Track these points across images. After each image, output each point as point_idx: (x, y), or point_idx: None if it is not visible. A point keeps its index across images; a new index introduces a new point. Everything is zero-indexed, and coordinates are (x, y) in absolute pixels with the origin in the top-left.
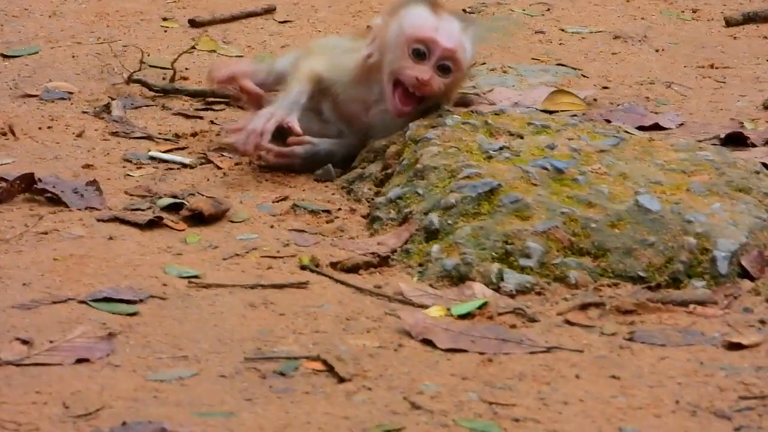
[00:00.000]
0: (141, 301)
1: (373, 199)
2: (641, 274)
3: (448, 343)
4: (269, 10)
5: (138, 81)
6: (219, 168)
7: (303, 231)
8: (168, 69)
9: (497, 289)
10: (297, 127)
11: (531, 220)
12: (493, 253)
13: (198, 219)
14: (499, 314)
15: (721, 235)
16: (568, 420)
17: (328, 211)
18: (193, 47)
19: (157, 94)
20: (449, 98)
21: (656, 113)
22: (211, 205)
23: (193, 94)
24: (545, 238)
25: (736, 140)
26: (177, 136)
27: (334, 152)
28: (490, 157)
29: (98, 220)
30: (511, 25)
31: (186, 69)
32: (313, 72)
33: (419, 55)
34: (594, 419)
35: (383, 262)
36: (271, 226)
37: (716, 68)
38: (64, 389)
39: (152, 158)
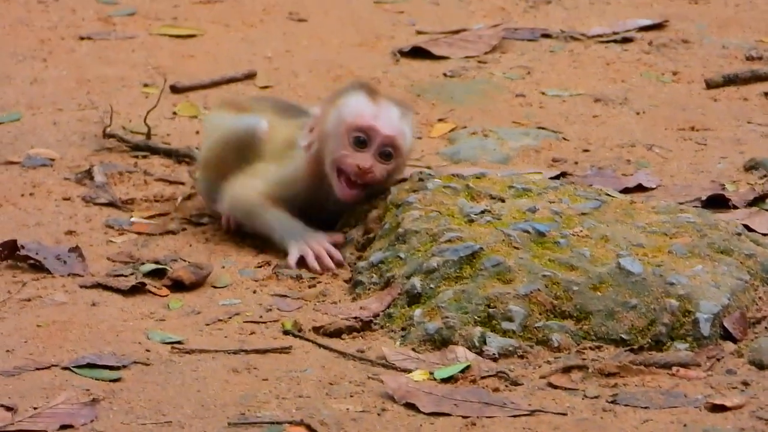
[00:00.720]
0: (124, 366)
1: (355, 264)
2: (624, 336)
3: (431, 407)
4: (250, 76)
5: (113, 135)
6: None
7: (285, 296)
8: (145, 133)
9: (480, 353)
10: (338, 255)
11: (513, 284)
12: (476, 317)
13: (180, 285)
14: (482, 378)
15: (704, 297)
16: None
17: (310, 276)
18: (174, 112)
19: (133, 153)
20: (391, 183)
21: (630, 175)
22: (192, 273)
23: (166, 152)
24: (527, 302)
25: (717, 202)
26: (157, 200)
27: None
28: (471, 221)
29: (81, 287)
30: (492, 88)
31: (168, 135)
32: (267, 195)
33: (360, 143)
34: None
35: (366, 326)
36: (254, 291)
37: (697, 130)
38: None
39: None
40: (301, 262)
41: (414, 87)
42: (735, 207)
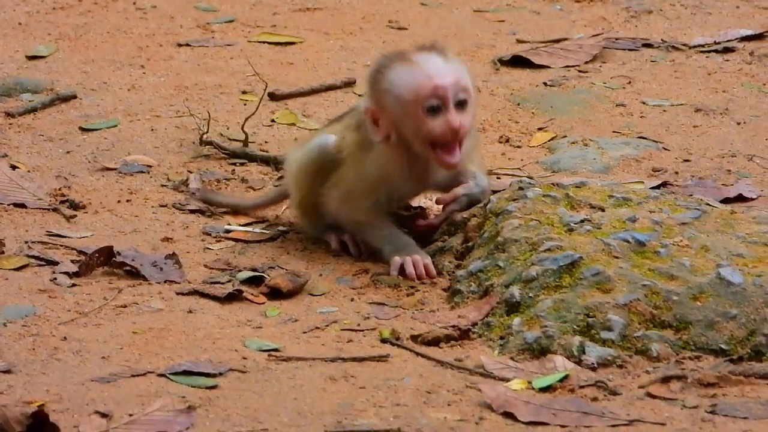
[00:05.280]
0: (220, 374)
1: (453, 272)
2: (723, 346)
3: (529, 417)
4: (349, 83)
5: (210, 143)
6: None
7: (383, 304)
8: (243, 140)
9: (579, 362)
10: (432, 269)
11: (612, 293)
12: (575, 326)
13: (277, 293)
14: (581, 387)
15: None
16: None
17: (409, 285)
18: (273, 120)
19: (230, 160)
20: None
21: (731, 185)
22: (289, 281)
23: (264, 160)
24: (627, 311)
25: None
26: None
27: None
28: (571, 230)
29: (177, 294)
30: (592, 98)
31: (265, 142)
32: (374, 210)
33: (435, 110)
34: None
35: (464, 335)
36: (351, 299)
37: None
38: None
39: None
40: (401, 270)
41: (514, 96)
42: None
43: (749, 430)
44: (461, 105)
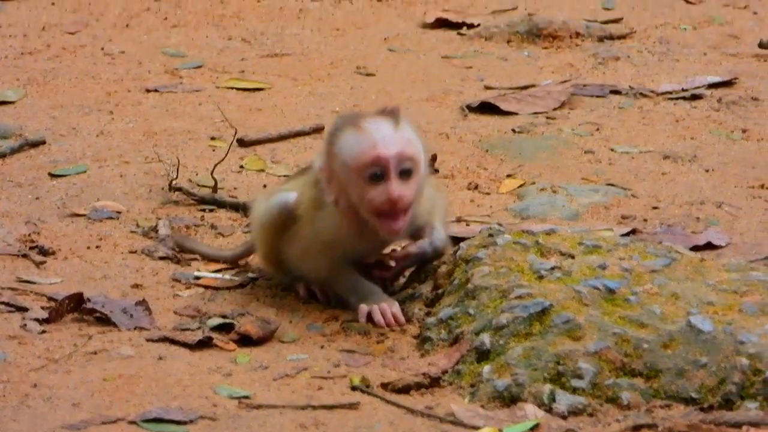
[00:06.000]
0: (191, 421)
1: (423, 319)
2: (694, 395)
3: None
4: (317, 129)
5: (179, 189)
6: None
7: (353, 351)
8: (212, 186)
9: (549, 410)
10: (400, 316)
11: (583, 341)
12: (545, 374)
13: (247, 340)
14: None
15: None
16: None
17: (378, 332)
18: (241, 166)
19: (199, 206)
20: (421, 195)
21: (700, 233)
22: (259, 328)
23: (233, 206)
24: (597, 359)
25: None
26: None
27: None
28: (541, 277)
29: (147, 340)
30: (561, 144)
31: (234, 188)
32: (333, 264)
33: (377, 178)
34: None
35: (434, 382)
36: (321, 347)
37: (767, 188)
38: None
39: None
40: (369, 318)
41: (482, 142)
42: None
43: None
44: (406, 174)
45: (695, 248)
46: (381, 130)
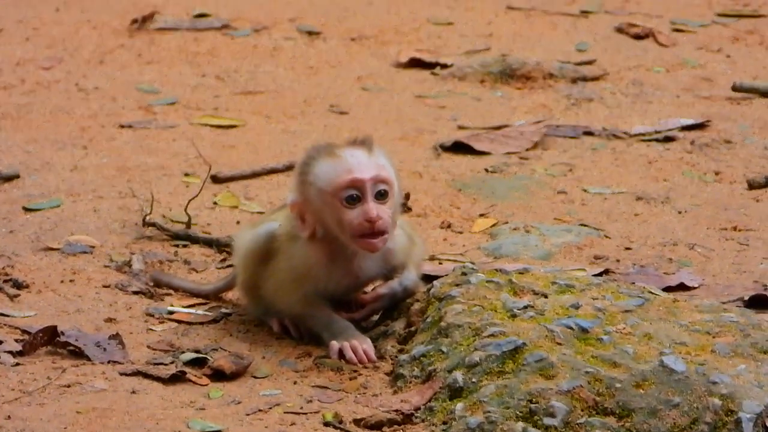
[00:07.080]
0: None
1: (396, 357)
2: None
3: None
4: (290, 167)
5: (152, 224)
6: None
7: (326, 387)
8: (185, 222)
9: None
10: (372, 353)
11: (555, 379)
12: (518, 412)
13: (220, 375)
14: None
15: (746, 397)
16: None
17: (351, 369)
18: (215, 202)
19: (173, 242)
20: (397, 218)
21: (672, 274)
22: (233, 363)
23: (207, 242)
24: (570, 398)
25: (759, 302)
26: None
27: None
28: (514, 316)
29: (121, 374)
30: (534, 184)
31: (208, 224)
32: (306, 299)
33: (353, 200)
34: None
35: (407, 419)
36: (294, 382)
37: (739, 230)
38: None
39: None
40: (341, 354)
41: (455, 182)
42: None
43: None
44: (381, 196)
45: (668, 289)
46: (355, 156)
